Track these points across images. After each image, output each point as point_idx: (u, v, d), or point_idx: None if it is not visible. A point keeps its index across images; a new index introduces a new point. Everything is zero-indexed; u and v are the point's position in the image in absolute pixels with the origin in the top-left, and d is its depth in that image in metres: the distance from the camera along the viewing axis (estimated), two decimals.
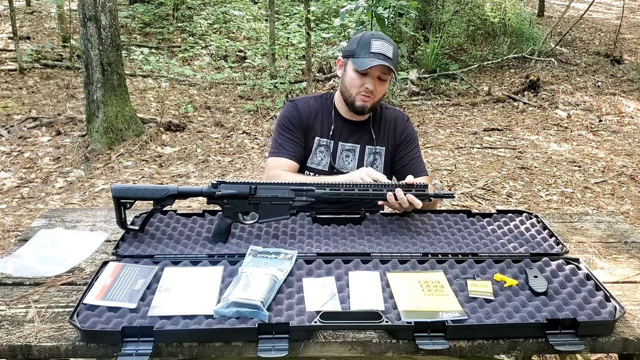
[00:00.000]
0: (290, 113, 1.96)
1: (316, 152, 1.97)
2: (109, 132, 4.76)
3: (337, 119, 1.97)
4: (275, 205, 1.59)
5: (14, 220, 3.55)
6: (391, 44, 1.82)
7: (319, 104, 1.99)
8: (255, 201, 1.59)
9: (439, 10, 8.53)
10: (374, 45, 1.78)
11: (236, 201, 1.58)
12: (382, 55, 1.77)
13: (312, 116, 1.96)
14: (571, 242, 1.72)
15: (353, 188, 1.60)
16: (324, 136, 1.96)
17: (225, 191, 1.57)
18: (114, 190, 1.56)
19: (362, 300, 1.31)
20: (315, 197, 1.59)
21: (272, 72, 6.93)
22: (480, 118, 6.23)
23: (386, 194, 1.61)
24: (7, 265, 1.45)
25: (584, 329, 1.22)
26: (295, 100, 2.00)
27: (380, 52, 1.77)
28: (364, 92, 1.82)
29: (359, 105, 1.85)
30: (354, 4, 4.45)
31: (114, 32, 4.66)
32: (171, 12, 8.81)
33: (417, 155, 2.02)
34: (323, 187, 1.59)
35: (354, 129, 1.97)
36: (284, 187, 1.59)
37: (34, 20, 8.89)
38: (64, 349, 1.17)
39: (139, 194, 1.57)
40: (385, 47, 1.79)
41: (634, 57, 8.67)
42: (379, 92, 1.85)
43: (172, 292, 1.32)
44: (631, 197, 4.19)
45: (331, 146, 1.96)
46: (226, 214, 1.59)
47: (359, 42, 1.82)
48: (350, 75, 1.84)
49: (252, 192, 1.57)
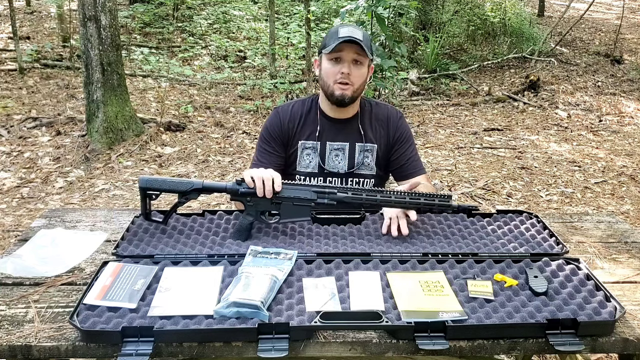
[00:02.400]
0: (271, 124, 1.97)
1: (303, 155, 1.96)
2: (109, 132, 4.76)
3: (323, 119, 1.96)
4: (297, 206, 1.59)
5: (14, 220, 3.55)
6: (360, 30, 1.83)
7: (304, 107, 1.99)
8: (278, 201, 1.59)
9: (439, 10, 8.53)
10: (341, 31, 1.80)
11: (259, 199, 1.58)
12: (350, 37, 1.78)
13: (294, 122, 1.96)
14: (571, 242, 1.72)
15: (375, 194, 1.60)
16: (310, 138, 1.95)
17: (249, 188, 1.57)
18: (140, 181, 1.58)
19: (362, 300, 1.31)
20: (337, 200, 1.59)
21: (272, 72, 6.94)
22: (480, 118, 6.23)
23: (408, 202, 1.60)
24: (7, 265, 1.45)
25: (584, 329, 1.22)
26: (278, 107, 2.01)
27: (347, 35, 1.78)
28: (341, 79, 1.81)
29: (338, 94, 1.84)
30: (354, 4, 4.45)
31: (114, 32, 4.67)
32: (171, 12, 8.80)
33: (414, 154, 2.01)
34: (345, 191, 1.60)
35: (341, 127, 1.96)
36: (307, 189, 1.60)
37: (34, 20, 8.89)
38: (64, 349, 1.17)
39: (165, 185, 1.58)
40: (352, 31, 1.80)
41: (634, 57, 8.67)
42: (355, 77, 1.83)
43: (172, 292, 1.31)
44: (631, 197, 4.19)
45: (318, 147, 1.95)
46: (248, 212, 1.60)
47: (327, 35, 1.87)
48: (325, 66, 1.86)
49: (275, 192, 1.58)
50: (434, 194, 1.62)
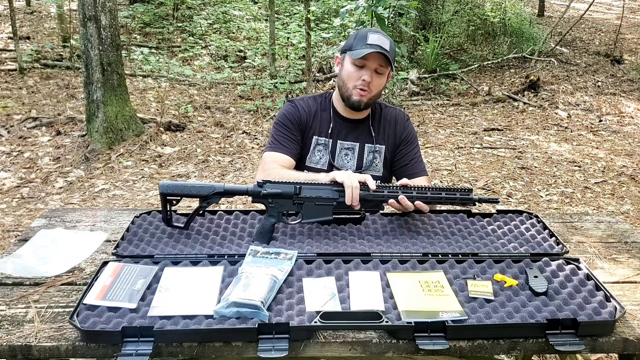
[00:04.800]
0: (288, 112, 1.96)
1: (314, 151, 1.97)
2: (109, 132, 4.76)
3: (336, 118, 1.97)
4: (319, 205, 1.59)
5: (14, 220, 3.55)
6: (388, 39, 1.83)
7: (318, 103, 2.00)
8: (300, 201, 1.59)
9: (439, 10, 8.53)
10: (370, 37, 1.79)
11: (280, 200, 1.58)
12: (379, 47, 1.78)
13: (310, 115, 1.97)
14: (571, 242, 1.72)
15: (397, 191, 1.60)
16: (323, 135, 1.97)
17: (270, 190, 1.57)
18: (161, 186, 1.56)
19: (362, 300, 1.31)
20: (360, 198, 1.59)
21: (272, 72, 6.93)
22: (480, 118, 6.23)
23: (430, 197, 1.61)
24: (7, 265, 1.45)
25: (584, 329, 1.22)
26: (295, 100, 2.01)
27: (377, 43, 1.78)
28: (361, 85, 1.82)
29: (355, 99, 1.85)
30: (354, 4, 4.45)
31: (114, 32, 4.67)
32: (171, 12, 8.80)
33: (417, 155, 2.02)
34: (367, 188, 1.59)
35: (353, 127, 1.98)
36: (328, 188, 1.60)
37: (34, 20, 8.89)
38: (64, 349, 1.17)
39: (186, 190, 1.57)
40: (382, 40, 1.80)
41: (634, 57, 8.67)
42: (375, 85, 1.85)
43: (172, 292, 1.31)
44: (631, 197, 4.19)
45: (330, 145, 1.96)
46: (270, 214, 1.60)
47: (356, 37, 1.85)
48: (347, 68, 1.85)
49: (296, 192, 1.57)
50: (455, 188, 1.63)
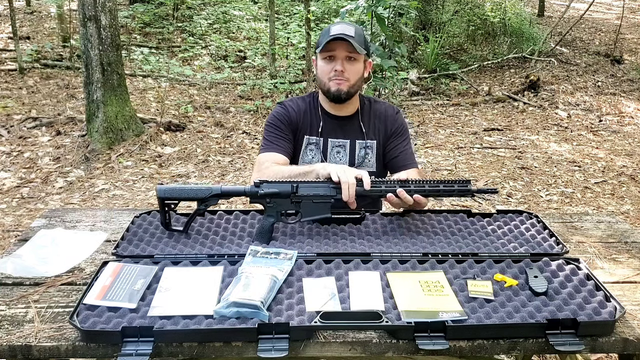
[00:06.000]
0: (278, 113, 1.98)
1: (306, 150, 1.98)
2: (109, 132, 4.76)
3: (325, 116, 1.98)
4: (317, 203, 1.59)
5: (14, 220, 3.55)
6: (353, 26, 1.84)
7: (307, 103, 2.01)
8: (297, 199, 1.59)
9: (439, 10, 8.53)
10: (332, 29, 1.82)
11: (278, 200, 1.58)
12: (341, 34, 1.79)
13: (300, 115, 1.98)
14: (571, 242, 1.72)
15: (394, 185, 1.60)
16: (313, 134, 1.97)
17: (267, 190, 1.57)
18: (158, 191, 1.56)
19: (362, 300, 1.31)
20: (356, 193, 1.59)
21: (272, 72, 6.93)
22: (480, 118, 6.23)
23: (428, 190, 1.61)
24: (7, 265, 1.45)
25: (584, 329, 1.22)
26: (284, 102, 2.03)
27: (339, 32, 1.79)
28: (334, 75, 1.84)
29: (334, 90, 1.86)
30: (354, 4, 4.45)
31: (114, 32, 4.67)
32: (171, 12, 8.80)
33: (407, 147, 2.02)
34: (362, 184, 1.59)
35: (342, 124, 1.98)
36: (325, 185, 1.59)
37: (34, 20, 8.88)
38: (64, 349, 1.17)
39: (184, 194, 1.58)
40: (344, 28, 1.81)
41: (634, 57, 8.66)
42: (350, 72, 1.85)
43: (172, 292, 1.31)
44: (631, 197, 4.19)
45: (321, 143, 1.97)
46: (269, 213, 1.60)
47: (321, 33, 1.89)
48: (319, 64, 1.89)
49: (294, 191, 1.58)
50: (453, 180, 1.63)
